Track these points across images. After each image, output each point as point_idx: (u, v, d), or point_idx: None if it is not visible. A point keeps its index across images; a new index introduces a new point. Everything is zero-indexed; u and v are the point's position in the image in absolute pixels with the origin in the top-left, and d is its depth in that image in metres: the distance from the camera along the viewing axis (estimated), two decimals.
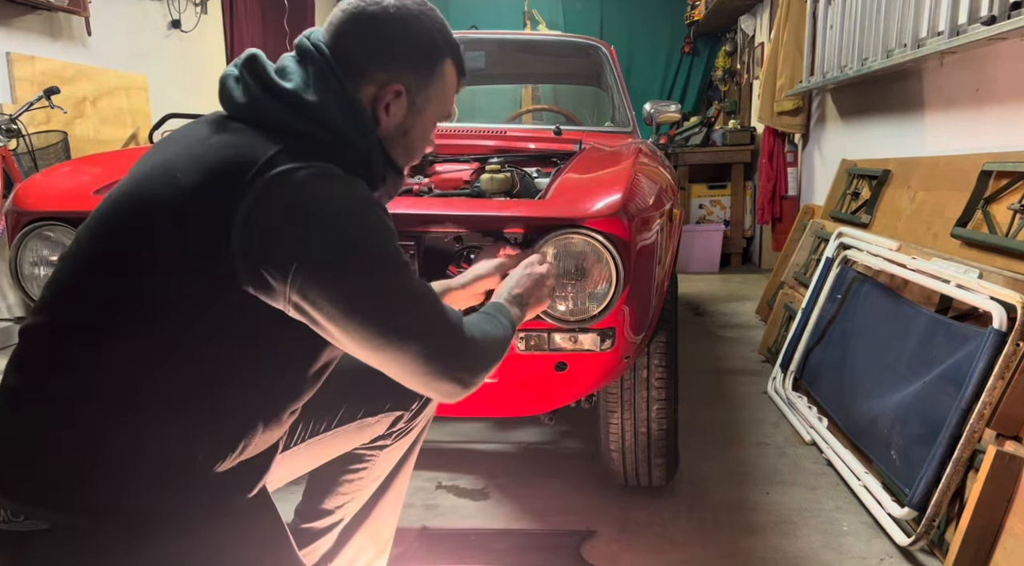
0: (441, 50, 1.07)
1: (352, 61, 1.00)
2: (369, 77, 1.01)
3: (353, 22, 1.02)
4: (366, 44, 1.01)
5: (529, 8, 7.18)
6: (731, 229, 5.99)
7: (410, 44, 1.03)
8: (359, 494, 1.38)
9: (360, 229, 0.93)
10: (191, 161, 0.94)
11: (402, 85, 1.03)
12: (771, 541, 1.83)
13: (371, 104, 1.02)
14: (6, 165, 3.32)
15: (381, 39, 1.01)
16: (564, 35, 4.31)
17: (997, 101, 2.48)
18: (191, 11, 5.31)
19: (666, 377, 1.85)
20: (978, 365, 1.72)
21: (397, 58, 1.02)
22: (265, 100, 0.97)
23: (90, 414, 0.90)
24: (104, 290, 0.92)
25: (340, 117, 0.98)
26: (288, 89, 0.97)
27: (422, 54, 1.05)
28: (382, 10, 1.02)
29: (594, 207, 1.44)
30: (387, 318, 0.94)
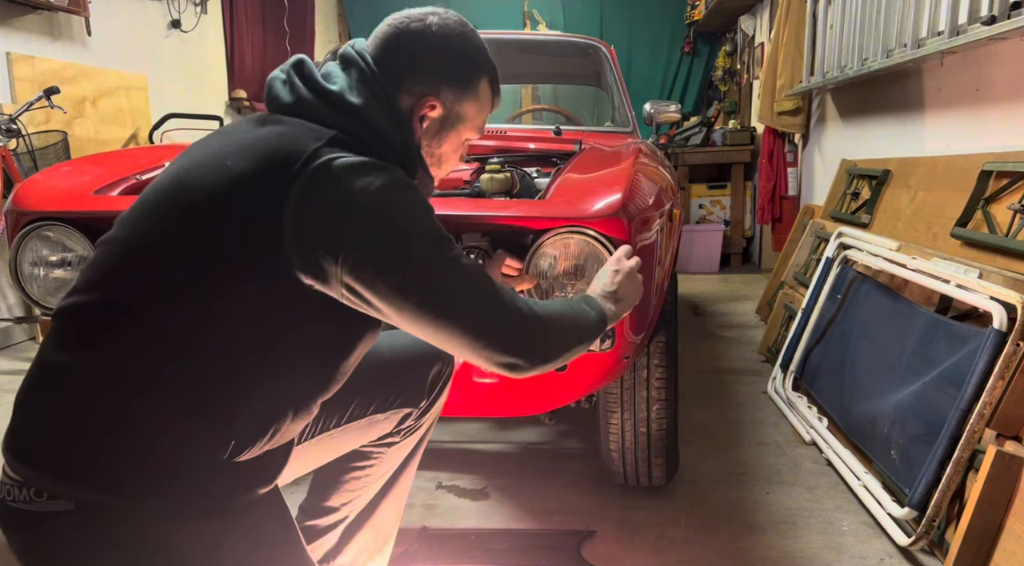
0: (479, 68, 1.12)
1: (392, 72, 1.06)
2: (407, 89, 1.07)
3: (397, 36, 1.08)
4: (407, 57, 1.07)
5: (529, 8, 7.18)
6: (731, 229, 5.99)
7: (449, 61, 1.09)
8: (364, 491, 1.39)
9: (405, 209, 0.96)
10: (241, 149, 0.97)
11: (438, 99, 1.08)
12: (771, 541, 1.83)
13: (408, 113, 1.08)
14: (6, 165, 3.31)
15: (422, 54, 1.08)
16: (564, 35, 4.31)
17: (997, 101, 2.48)
18: (191, 11, 5.31)
19: (666, 377, 1.85)
20: (978, 365, 1.72)
21: (435, 73, 1.08)
22: (311, 100, 1.02)
23: (126, 395, 0.90)
24: (149, 273, 0.94)
25: (381, 119, 1.03)
26: (333, 90, 1.02)
27: (460, 71, 1.10)
28: (425, 27, 1.08)
29: (594, 207, 1.44)
30: (440, 293, 0.97)
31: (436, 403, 1.39)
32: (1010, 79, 2.40)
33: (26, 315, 3.59)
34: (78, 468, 0.90)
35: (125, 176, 1.76)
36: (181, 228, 0.95)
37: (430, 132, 1.11)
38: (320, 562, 1.39)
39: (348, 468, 1.36)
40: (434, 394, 1.37)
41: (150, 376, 0.91)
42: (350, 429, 1.30)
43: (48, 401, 0.93)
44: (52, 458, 0.91)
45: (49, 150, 3.60)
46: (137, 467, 0.90)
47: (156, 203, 0.99)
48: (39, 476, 0.90)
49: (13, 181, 3.30)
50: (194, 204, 0.95)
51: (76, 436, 0.90)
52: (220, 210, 0.93)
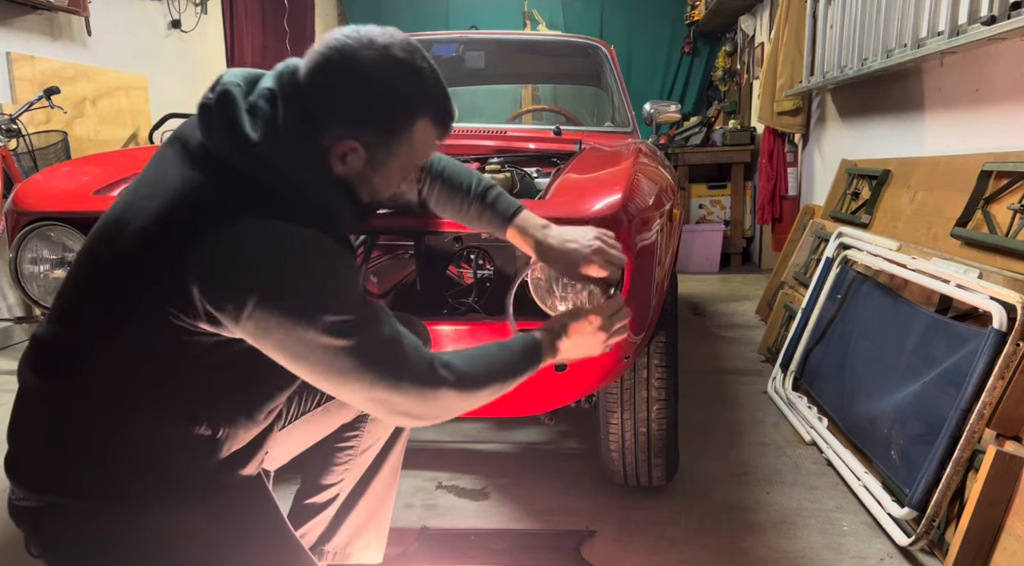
0: (414, 110, 0.99)
1: (315, 106, 0.96)
2: (327, 127, 0.96)
3: (326, 66, 0.96)
4: (331, 94, 0.96)
5: (529, 8, 7.18)
6: (731, 229, 5.99)
7: (376, 103, 0.96)
8: (354, 464, 1.41)
9: (303, 284, 0.93)
10: (148, 202, 0.97)
11: (358, 143, 0.97)
12: (771, 541, 1.83)
13: (326, 148, 0.97)
14: (6, 165, 3.31)
15: (346, 92, 0.95)
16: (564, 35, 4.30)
17: (997, 101, 2.48)
18: (191, 11, 5.31)
19: (666, 377, 1.84)
20: (978, 365, 1.72)
21: (359, 115, 0.96)
22: (225, 142, 0.96)
23: (88, 415, 0.99)
24: (84, 311, 1.00)
25: (294, 165, 0.95)
26: (245, 134, 0.95)
27: (388, 114, 0.98)
28: (355, 59, 0.95)
29: (594, 207, 1.44)
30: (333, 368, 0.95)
31: None
32: (1010, 79, 2.40)
33: (26, 315, 3.59)
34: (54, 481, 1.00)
35: (125, 176, 1.75)
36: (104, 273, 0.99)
37: (354, 170, 1.00)
38: (316, 544, 1.40)
39: (335, 444, 1.40)
40: None
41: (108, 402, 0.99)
42: (332, 407, 1.35)
43: (19, 421, 1.04)
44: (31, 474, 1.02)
45: (49, 150, 3.60)
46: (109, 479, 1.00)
47: (93, 244, 1.03)
48: (21, 488, 1.02)
49: (13, 181, 3.30)
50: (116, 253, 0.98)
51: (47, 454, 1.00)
52: (131, 262, 0.96)
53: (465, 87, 4.97)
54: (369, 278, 1.81)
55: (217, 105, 0.97)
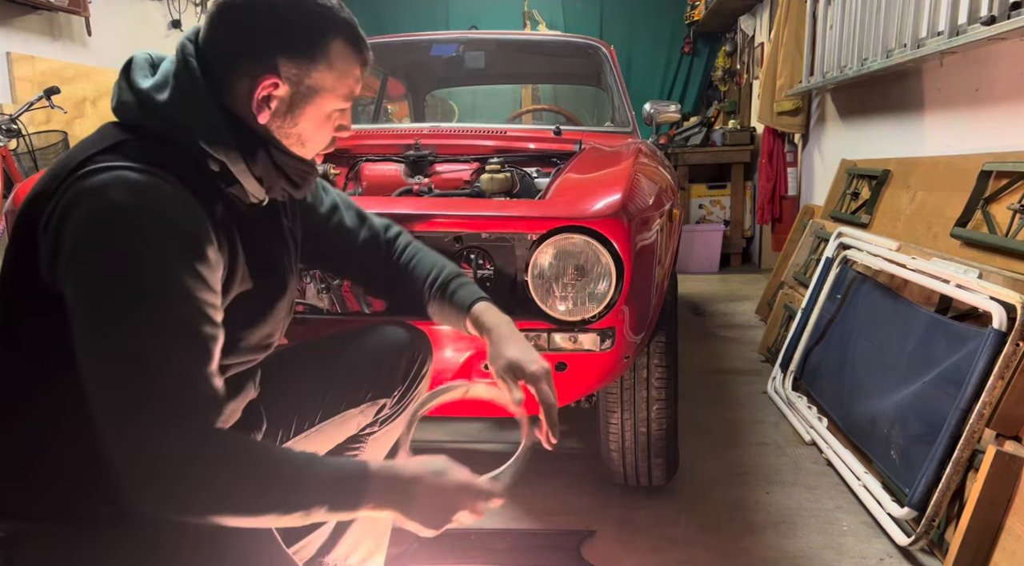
0: (325, 30, 0.95)
1: (223, 55, 0.93)
2: (242, 71, 0.93)
3: (224, 10, 0.94)
4: (236, 35, 0.93)
5: (529, 8, 7.18)
6: (731, 229, 5.99)
7: (283, 29, 0.93)
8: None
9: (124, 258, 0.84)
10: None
11: (277, 76, 0.93)
12: (771, 541, 1.83)
13: (248, 97, 0.94)
14: (6, 165, 3.31)
15: (251, 28, 0.93)
16: (564, 35, 4.31)
17: (997, 101, 2.48)
18: (191, 11, 5.31)
19: (666, 377, 1.85)
20: (978, 365, 1.72)
21: (269, 47, 0.93)
22: (128, 101, 0.95)
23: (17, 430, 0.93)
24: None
25: (187, 114, 0.92)
26: (142, 88, 0.94)
27: (299, 39, 0.94)
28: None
29: (594, 207, 1.44)
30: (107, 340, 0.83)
31: (413, 390, 1.37)
32: (1010, 79, 2.40)
33: None
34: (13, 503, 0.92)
35: None
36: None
37: (280, 113, 0.96)
38: (316, 556, 1.38)
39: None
40: (409, 380, 1.35)
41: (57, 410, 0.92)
42: (326, 428, 1.29)
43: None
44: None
45: (49, 150, 3.60)
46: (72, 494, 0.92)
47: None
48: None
49: (13, 181, 3.30)
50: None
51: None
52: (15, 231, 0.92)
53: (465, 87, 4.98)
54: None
55: (124, 69, 0.97)
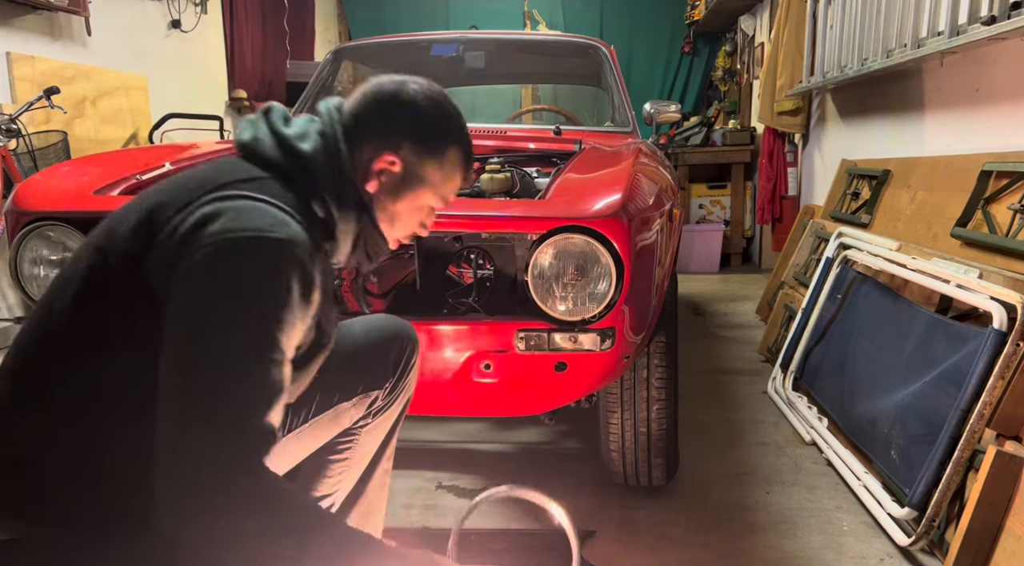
0: (449, 136, 1.11)
1: (363, 125, 1.07)
2: (371, 141, 1.07)
3: (374, 91, 1.10)
4: (378, 113, 1.08)
5: (529, 8, 7.18)
6: (731, 229, 5.99)
7: (416, 120, 1.09)
8: (348, 474, 1.40)
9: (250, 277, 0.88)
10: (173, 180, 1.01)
11: (396, 155, 1.07)
12: (771, 541, 1.83)
13: (366, 166, 1.07)
14: (6, 165, 3.31)
15: (392, 112, 1.08)
16: (564, 35, 4.30)
17: (997, 101, 2.48)
18: (191, 11, 5.31)
19: (666, 377, 1.84)
20: (978, 365, 1.72)
21: (400, 129, 1.08)
22: (265, 139, 1.04)
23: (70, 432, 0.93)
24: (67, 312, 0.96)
25: (323, 168, 1.03)
26: (287, 137, 1.04)
27: (426, 132, 1.09)
28: (401, 87, 1.10)
29: (594, 207, 1.44)
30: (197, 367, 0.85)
31: (404, 380, 1.38)
32: (1010, 79, 2.40)
33: (26, 315, 3.59)
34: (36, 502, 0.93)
35: (125, 176, 1.76)
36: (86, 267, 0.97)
37: (387, 188, 1.09)
38: None
39: (328, 454, 1.37)
40: (399, 370, 1.37)
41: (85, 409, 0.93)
42: (320, 422, 1.30)
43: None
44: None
45: (49, 150, 3.60)
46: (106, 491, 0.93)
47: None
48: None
49: (13, 181, 3.29)
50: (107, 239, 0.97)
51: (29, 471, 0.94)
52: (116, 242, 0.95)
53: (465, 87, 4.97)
54: (369, 278, 1.81)
55: (263, 112, 1.08)
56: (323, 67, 3.04)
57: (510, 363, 1.55)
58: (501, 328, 1.51)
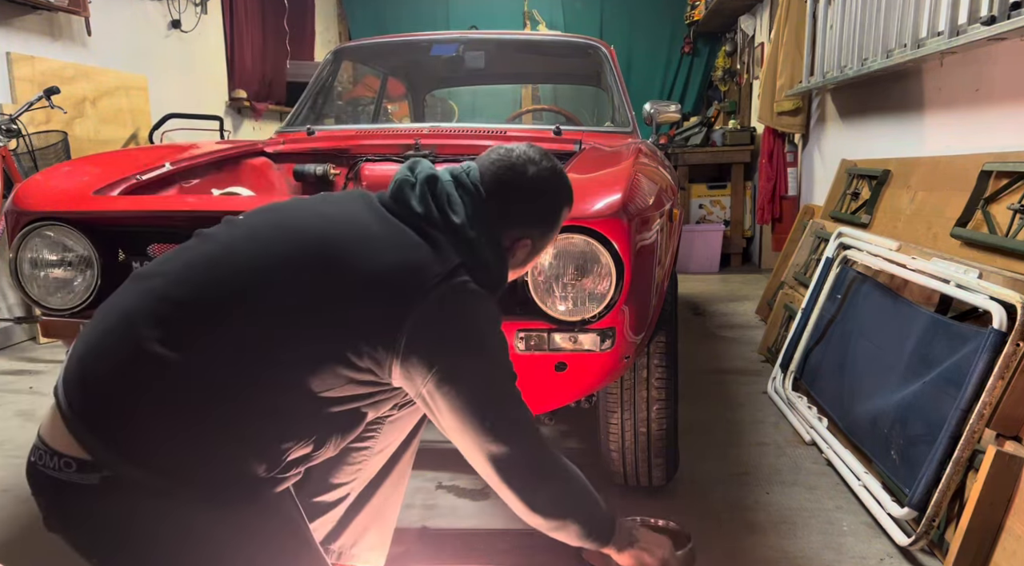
0: (563, 206, 1.25)
1: (500, 210, 1.18)
2: (508, 232, 1.19)
3: (502, 183, 1.18)
4: (512, 202, 1.19)
5: (529, 8, 7.18)
6: (731, 229, 5.99)
7: (544, 208, 1.22)
8: (367, 464, 1.42)
9: (497, 341, 1.14)
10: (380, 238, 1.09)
11: (531, 239, 1.22)
12: (771, 541, 1.83)
13: (507, 246, 1.21)
14: (6, 165, 3.31)
15: (524, 206, 1.20)
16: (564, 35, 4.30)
17: (997, 101, 2.48)
18: (191, 11, 5.31)
19: (666, 377, 1.84)
20: (978, 365, 1.72)
21: (531, 220, 1.21)
22: (437, 220, 1.13)
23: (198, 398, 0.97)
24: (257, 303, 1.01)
25: (488, 252, 1.15)
26: (456, 223, 1.13)
27: (550, 213, 1.23)
28: (527, 181, 1.19)
29: (594, 207, 1.44)
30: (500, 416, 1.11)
31: None
32: (1010, 79, 2.40)
33: (26, 315, 3.59)
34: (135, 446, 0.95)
35: (125, 176, 1.76)
36: (311, 280, 1.03)
37: (519, 260, 1.24)
38: (323, 542, 1.40)
39: (350, 443, 1.37)
40: None
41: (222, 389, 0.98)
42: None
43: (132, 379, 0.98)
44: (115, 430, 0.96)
45: (49, 150, 3.60)
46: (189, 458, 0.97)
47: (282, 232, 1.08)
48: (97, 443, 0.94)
49: (13, 181, 3.30)
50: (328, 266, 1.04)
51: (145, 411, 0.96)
52: (349, 289, 1.03)
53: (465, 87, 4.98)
54: None
55: (427, 183, 1.16)
56: (323, 67, 3.04)
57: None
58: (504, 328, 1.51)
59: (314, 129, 2.54)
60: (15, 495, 2.11)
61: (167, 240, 1.55)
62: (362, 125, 3.09)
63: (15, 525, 1.95)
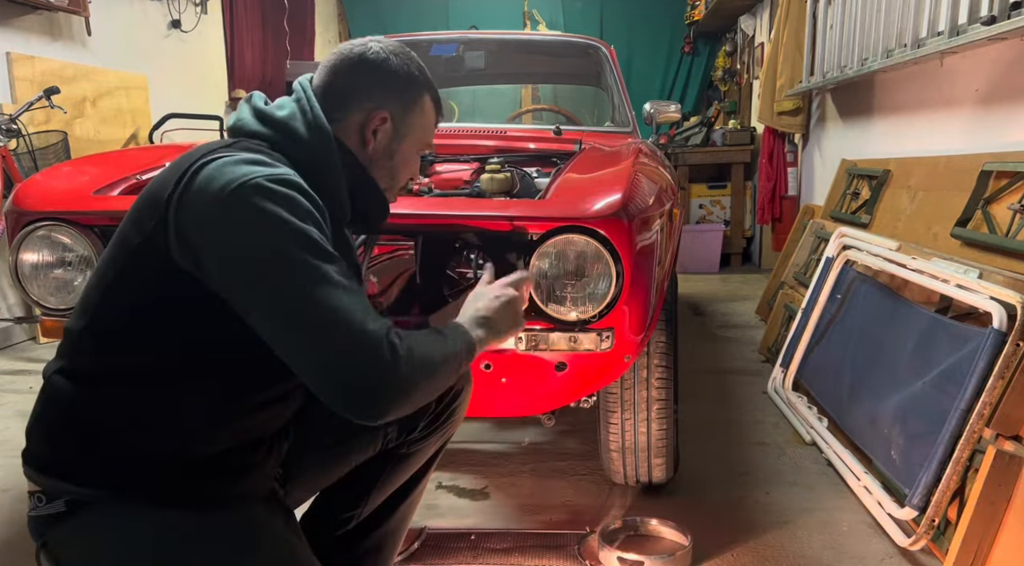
0: (420, 85, 1.19)
1: (342, 93, 1.14)
2: (357, 106, 1.14)
3: (344, 61, 1.16)
4: (354, 78, 1.15)
5: (529, 8, 7.18)
6: (731, 229, 5.99)
7: (392, 78, 1.16)
8: (378, 494, 1.38)
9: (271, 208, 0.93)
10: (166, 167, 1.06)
11: (387, 112, 1.15)
12: (771, 541, 1.83)
13: (360, 129, 1.14)
14: (6, 165, 3.31)
15: (368, 74, 1.15)
16: (564, 35, 4.30)
17: (997, 101, 2.48)
18: (191, 11, 5.31)
19: (666, 377, 1.84)
20: (978, 365, 1.72)
21: (382, 89, 1.15)
22: (247, 118, 1.12)
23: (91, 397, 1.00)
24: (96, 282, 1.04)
25: (303, 128, 1.09)
26: (265, 110, 1.11)
27: (403, 86, 1.17)
28: (366, 49, 1.16)
29: (594, 207, 1.44)
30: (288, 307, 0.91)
31: (447, 417, 1.39)
32: (1010, 79, 2.40)
33: (26, 315, 3.59)
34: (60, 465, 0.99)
35: (125, 176, 1.76)
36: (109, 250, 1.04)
37: (382, 143, 1.16)
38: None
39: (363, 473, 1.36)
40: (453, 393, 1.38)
41: (103, 378, 1.01)
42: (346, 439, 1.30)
43: (40, 410, 1.04)
44: (42, 458, 1.01)
45: (49, 150, 3.60)
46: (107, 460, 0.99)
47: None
48: (37, 475, 1.00)
49: (13, 181, 3.30)
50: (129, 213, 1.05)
51: (59, 437, 1.01)
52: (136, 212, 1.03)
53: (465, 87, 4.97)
54: (369, 278, 1.81)
55: (247, 100, 1.15)
56: None
57: (510, 363, 1.55)
58: None
59: None
60: (15, 495, 2.11)
61: None
62: None
63: (15, 525, 1.95)
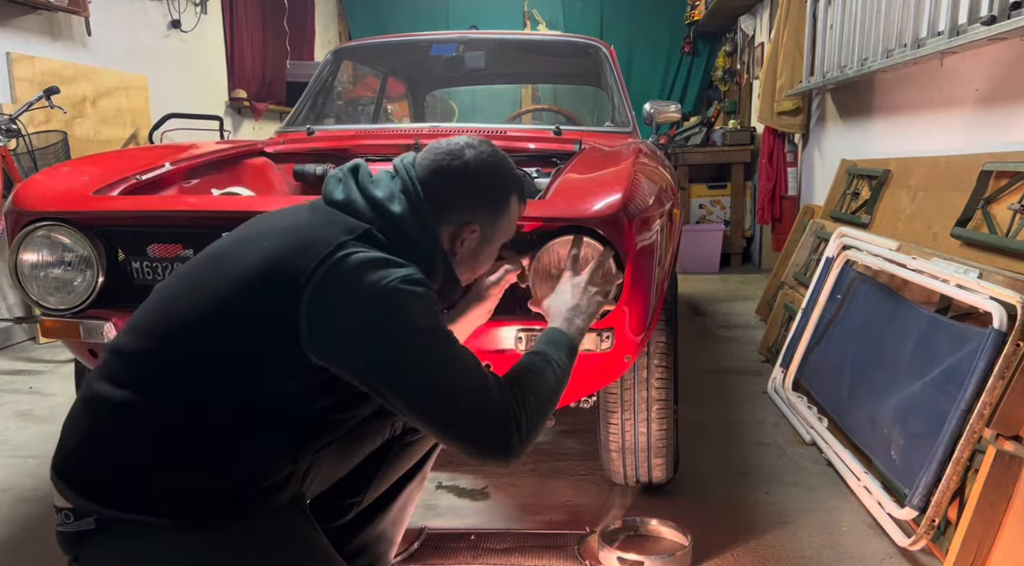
0: (509, 190, 1.23)
1: (440, 204, 1.16)
2: (452, 218, 1.17)
3: (440, 170, 1.17)
4: (451, 190, 1.17)
5: (529, 8, 7.19)
6: (731, 229, 5.99)
7: (485, 191, 1.20)
8: (380, 482, 1.40)
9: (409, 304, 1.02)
10: (282, 231, 1.10)
11: (477, 224, 1.19)
12: (771, 541, 1.83)
13: (451, 238, 1.18)
14: (6, 165, 3.31)
15: (463, 186, 1.18)
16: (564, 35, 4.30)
17: (997, 101, 2.48)
18: (191, 11, 5.31)
19: (666, 377, 1.84)
20: (978, 365, 1.72)
21: (475, 201, 1.19)
22: (358, 200, 1.13)
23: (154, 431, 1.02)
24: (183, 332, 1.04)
25: (413, 227, 1.12)
26: (378, 196, 1.13)
27: (494, 196, 1.21)
28: (464, 164, 1.18)
29: (594, 207, 1.44)
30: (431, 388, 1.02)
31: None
32: (1010, 79, 2.40)
33: (26, 315, 3.59)
34: (100, 488, 1.01)
35: (125, 176, 1.76)
36: (214, 296, 1.05)
37: (469, 250, 1.21)
38: None
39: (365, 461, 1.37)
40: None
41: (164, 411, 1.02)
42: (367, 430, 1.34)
43: (86, 430, 1.04)
44: (81, 479, 1.02)
45: (49, 150, 3.60)
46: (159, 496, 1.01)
47: (200, 267, 1.11)
48: (73, 494, 1.01)
49: (13, 181, 3.30)
50: (229, 275, 1.05)
51: (105, 461, 1.02)
52: (249, 285, 1.03)
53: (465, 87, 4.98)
54: None
55: (351, 171, 1.17)
56: (323, 67, 3.04)
57: (510, 363, 1.54)
58: (501, 328, 1.51)
59: (314, 129, 2.54)
60: (15, 495, 2.11)
61: (167, 240, 1.55)
62: (362, 125, 3.09)
63: (15, 525, 1.95)
